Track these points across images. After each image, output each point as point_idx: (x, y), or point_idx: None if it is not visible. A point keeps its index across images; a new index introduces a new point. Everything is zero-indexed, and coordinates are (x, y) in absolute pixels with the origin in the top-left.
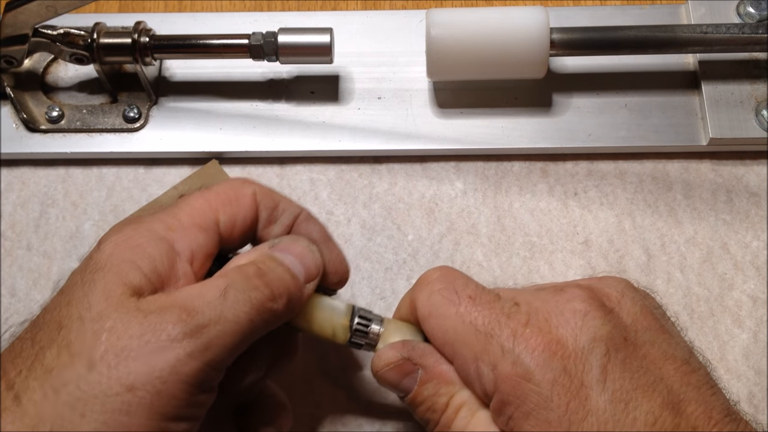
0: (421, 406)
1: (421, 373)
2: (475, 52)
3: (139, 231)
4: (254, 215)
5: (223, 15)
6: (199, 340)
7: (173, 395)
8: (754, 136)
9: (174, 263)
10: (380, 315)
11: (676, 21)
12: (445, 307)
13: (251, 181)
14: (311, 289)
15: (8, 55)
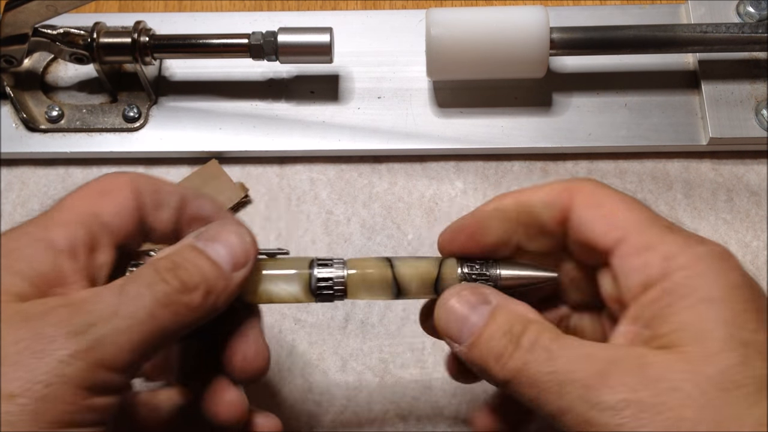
0: (491, 341)
1: (495, 303)
2: (475, 52)
3: (14, 236)
4: (136, 203)
5: (223, 15)
6: (85, 339)
7: (61, 399)
8: (754, 136)
9: (58, 262)
10: (340, 258)
11: (676, 21)
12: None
13: (125, 172)
14: (241, 276)
15: (8, 54)
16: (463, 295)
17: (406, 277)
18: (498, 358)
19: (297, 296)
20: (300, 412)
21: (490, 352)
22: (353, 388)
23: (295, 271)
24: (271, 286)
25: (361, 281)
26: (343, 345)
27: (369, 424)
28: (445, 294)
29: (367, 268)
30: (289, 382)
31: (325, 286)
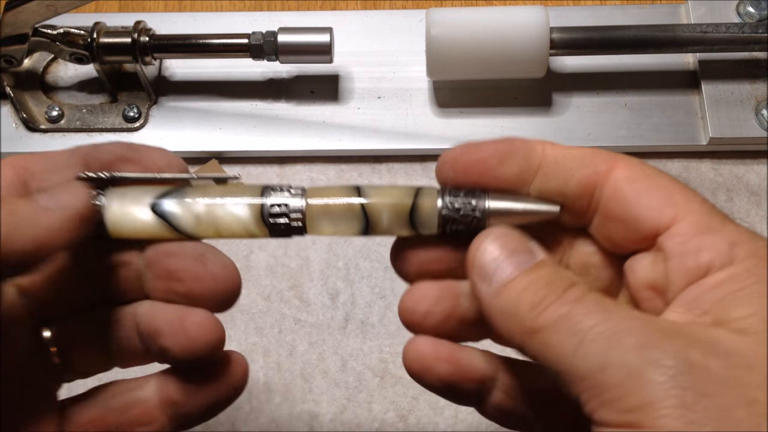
0: (529, 288)
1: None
2: (475, 52)
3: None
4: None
5: (223, 15)
6: None
7: None
8: (754, 136)
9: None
10: (299, 186)
11: (676, 21)
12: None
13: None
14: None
15: (8, 54)
16: (507, 238)
17: (376, 206)
18: (533, 307)
19: (248, 227)
20: (300, 412)
21: (524, 300)
22: (353, 388)
23: (246, 198)
24: (217, 216)
25: (322, 212)
26: (343, 345)
27: (369, 424)
28: (488, 233)
29: (330, 196)
30: (289, 382)
31: (280, 214)
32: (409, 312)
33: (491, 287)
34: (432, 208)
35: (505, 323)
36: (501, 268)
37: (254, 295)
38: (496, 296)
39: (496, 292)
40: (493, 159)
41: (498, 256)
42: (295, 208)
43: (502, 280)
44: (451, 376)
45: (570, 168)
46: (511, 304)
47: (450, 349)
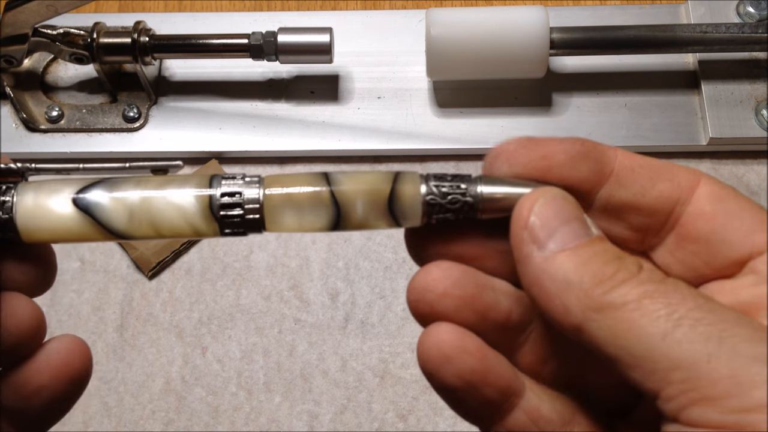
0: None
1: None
2: (474, 52)
3: None
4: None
5: (223, 15)
6: None
7: None
8: (753, 136)
9: None
10: (255, 174)
11: (676, 21)
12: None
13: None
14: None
15: (8, 54)
16: (565, 202)
17: (347, 194)
18: (601, 280)
19: (193, 222)
20: (300, 412)
21: (589, 270)
22: (353, 388)
23: (190, 188)
24: (156, 210)
25: (284, 202)
26: (343, 345)
27: (369, 424)
28: (543, 192)
29: (293, 184)
30: (289, 382)
31: (232, 204)
32: (422, 290)
33: (544, 251)
34: (415, 195)
35: (561, 294)
36: (560, 231)
37: (254, 295)
38: (551, 261)
39: (550, 256)
40: (560, 157)
41: (553, 219)
42: (250, 198)
43: (559, 245)
44: (474, 374)
45: (649, 178)
46: (570, 272)
47: (478, 342)
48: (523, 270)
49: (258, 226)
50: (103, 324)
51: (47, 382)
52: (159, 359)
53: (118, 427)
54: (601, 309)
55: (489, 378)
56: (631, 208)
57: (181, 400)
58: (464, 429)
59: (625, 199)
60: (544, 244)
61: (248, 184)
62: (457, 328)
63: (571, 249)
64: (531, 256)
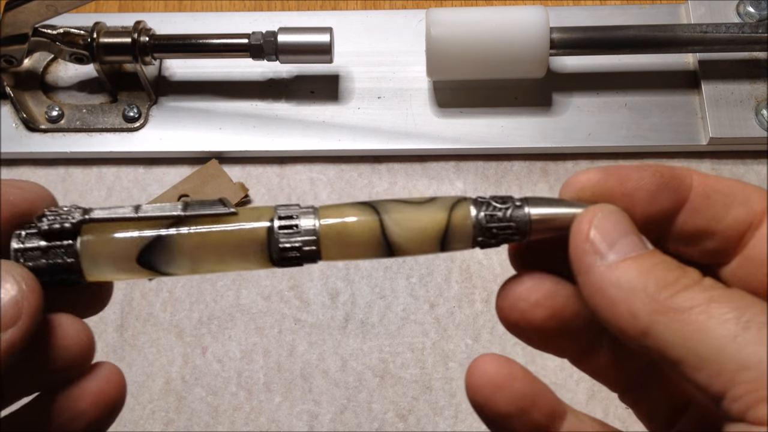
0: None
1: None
2: (475, 52)
3: None
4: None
5: (223, 15)
6: None
7: None
8: (754, 136)
9: None
10: (309, 206)
11: (676, 20)
12: None
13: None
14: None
15: (8, 54)
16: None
17: (401, 230)
18: (666, 285)
19: (253, 264)
20: (300, 412)
21: (654, 276)
22: (353, 388)
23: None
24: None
25: (338, 237)
26: (343, 345)
27: (369, 424)
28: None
29: (346, 215)
30: (289, 382)
31: (291, 248)
32: (515, 299)
33: (605, 260)
34: (467, 224)
35: (626, 299)
36: (620, 243)
37: (254, 295)
38: (614, 269)
39: (613, 265)
40: (642, 192)
41: (612, 232)
42: (308, 239)
43: (620, 255)
44: (525, 398)
45: (723, 204)
46: (634, 279)
47: (523, 369)
48: (586, 280)
49: (314, 258)
50: (103, 324)
51: (87, 408)
52: (159, 359)
53: (118, 427)
54: (668, 312)
55: (538, 402)
56: (704, 234)
57: (181, 400)
58: (464, 429)
59: (699, 225)
60: (606, 255)
61: (304, 214)
62: (501, 357)
63: (632, 258)
64: (594, 265)
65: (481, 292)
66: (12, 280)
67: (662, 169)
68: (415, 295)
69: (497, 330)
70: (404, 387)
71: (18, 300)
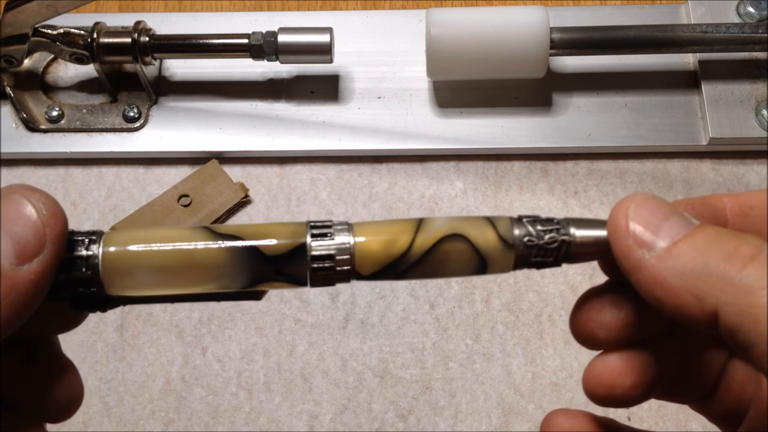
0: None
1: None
2: (475, 52)
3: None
4: None
5: (223, 15)
6: None
7: None
8: (754, 136)
9: None
10: (342, 221)
11: (676, 21)
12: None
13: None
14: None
15: (8, 54)
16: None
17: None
18: (726, 258)
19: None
20: (300, 412)
21: (710, 253)
22: (353, 388)
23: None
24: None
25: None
26: (343, 345)
27: (369, 424)
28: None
29: (382, 234)
30: (289, 382)
31: (323, 268)
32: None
33: (655, 250)
34: (506, 248)
35: (688, 285)
36: (663, 228)
37: None
38: (666, 258)
39: (664, 254)
40: None
41: (652, 218)
42: (342, 258)
43: (668, 240)
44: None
45: (760, 218)
46: (691, 261)
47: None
48: (639, 277)
49: (349, 275)
50: (103, 324)
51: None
52: (159, 359)
53: (118, 427)
54: (735, 292)
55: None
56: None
57: (181, 400)
58: (464, 429)
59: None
60: (653, 245)
61: (338, 238)
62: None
63: (682, 239)
64: (643, 260)
65: (481, 292)
66: (31, 206)
67: (693, 201)
68: (415, 295)
69: (497, 330)
70: (404, 387)
71: (39, 228)
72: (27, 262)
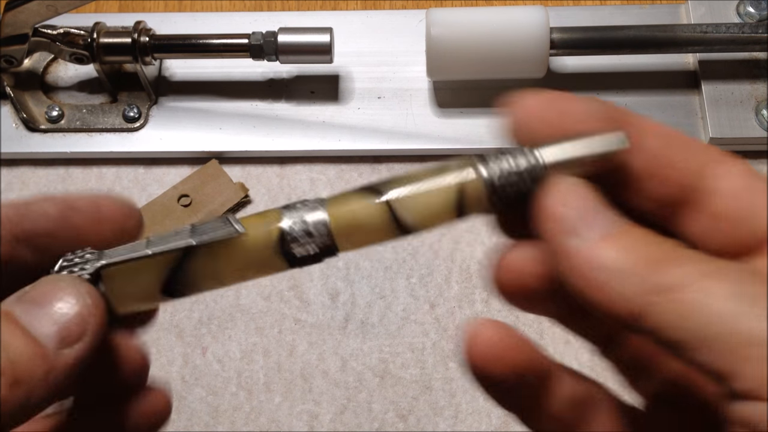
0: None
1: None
2: (475, 52)
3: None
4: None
5: (223, 15)
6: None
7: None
8: (754, 136)
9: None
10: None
11: (676, 21)
12: None
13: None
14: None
15: (8, 54)
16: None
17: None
18: (657, 261)
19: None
20: (300, 412)
21: (642, 252)
22: (353, 388)
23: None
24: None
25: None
26: (343, 345)
27: (369, 424)
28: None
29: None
30: (289, 382)
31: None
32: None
33: (583, 240)
34: (478, 189)
35: (614, 282)
36: (596, 220)
37: (254, 295)
38: (596, 250)
39: (594, 245)
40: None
41: (584, 208)
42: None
43: (599, 233)
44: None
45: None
46: (620, 259)
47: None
48: (566, 264)
49: (332, 252)
50: None
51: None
52: (159, 359)
53: None
54: (662, 292)
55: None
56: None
57: (181, 400)
58: (464, 429)
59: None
60: (583, 234)
61: (311, 209)
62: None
63: (614, 235)
64: (572, 247)
65: (482, 293)
66: (77, 294)
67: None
68: (415, 295)
69: None
70: (404, 387)
71: (83, 315)
72: (68, 347)
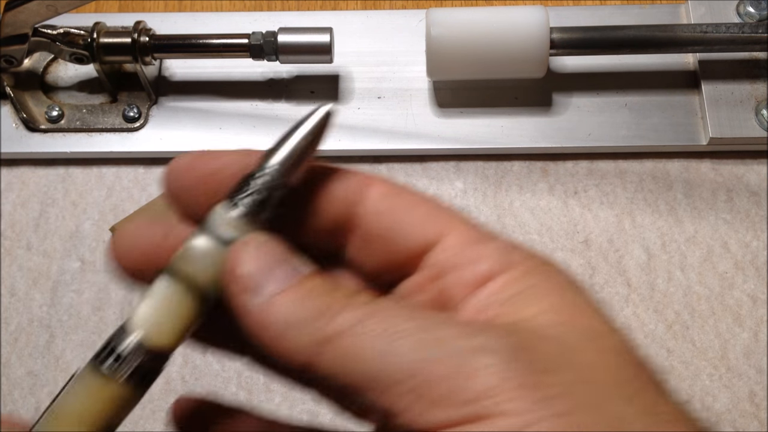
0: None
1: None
2: (475, 52)
3: None
4: None
5: (223, 15)
6: None
7: None
8: (754, 136)
9: None
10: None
11: (676, 21)
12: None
13: None
14: None
15: (8, 54)
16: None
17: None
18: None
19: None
20: (300, 412)
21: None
22: None
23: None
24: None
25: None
26: None
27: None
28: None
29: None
30: None
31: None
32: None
33: (260, 297)
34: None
35: (287, 335)
36: (273, 275)
37: None
38: (270, 306)
39: (268, 302)
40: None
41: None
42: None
43: (275, 288)
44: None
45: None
46: (291, 312)
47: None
48: (244, 321)
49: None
50: (103, 324)
51: None
52: None
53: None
54: (325, 342)
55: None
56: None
57: None
58: None
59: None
60: (259, 291)
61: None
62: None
63: (287, 289)
64: (247, 305)
65: None
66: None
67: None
68: None
69: None
70: None
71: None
72: None
